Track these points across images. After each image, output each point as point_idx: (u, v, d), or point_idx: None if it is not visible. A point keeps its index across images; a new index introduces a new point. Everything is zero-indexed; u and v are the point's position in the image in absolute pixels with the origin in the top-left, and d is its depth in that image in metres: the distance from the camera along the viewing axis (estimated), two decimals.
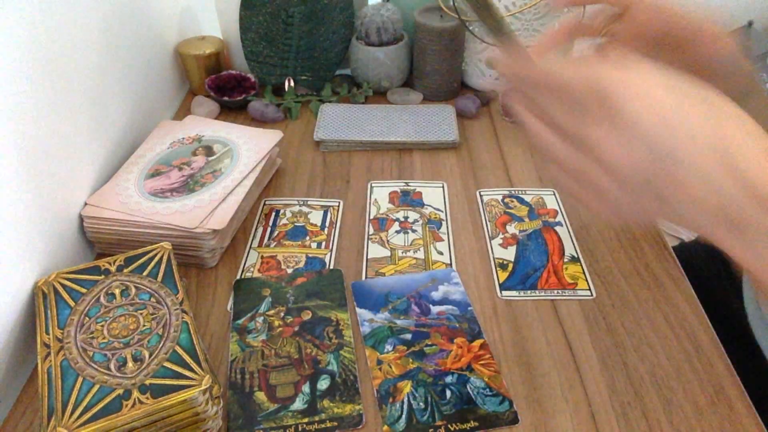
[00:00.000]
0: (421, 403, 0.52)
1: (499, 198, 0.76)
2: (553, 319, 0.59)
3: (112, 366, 0.47)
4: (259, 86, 0.94)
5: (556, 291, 0.62)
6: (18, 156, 0.55)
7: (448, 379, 0.54)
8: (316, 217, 0.73)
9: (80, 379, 0.46)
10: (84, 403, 0.44)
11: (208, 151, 0.74)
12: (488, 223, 0.72)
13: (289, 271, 0.65)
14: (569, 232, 0.70)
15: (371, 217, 0.73)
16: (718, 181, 0.30)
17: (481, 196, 0.76)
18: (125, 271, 0.56)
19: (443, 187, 0.78)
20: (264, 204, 0.75)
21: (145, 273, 0.56)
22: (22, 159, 0.55)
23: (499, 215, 0.73)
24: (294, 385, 0.53)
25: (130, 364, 0.48)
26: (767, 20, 2.07)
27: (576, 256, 0.67)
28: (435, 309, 0.60)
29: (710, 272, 0.79)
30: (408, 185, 0.78)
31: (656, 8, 0.48)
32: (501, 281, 0.64)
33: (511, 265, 0.66)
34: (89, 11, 0.68)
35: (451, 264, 0.66)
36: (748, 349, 0.72)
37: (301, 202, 0.75)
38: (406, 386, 0.53)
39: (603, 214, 0.36)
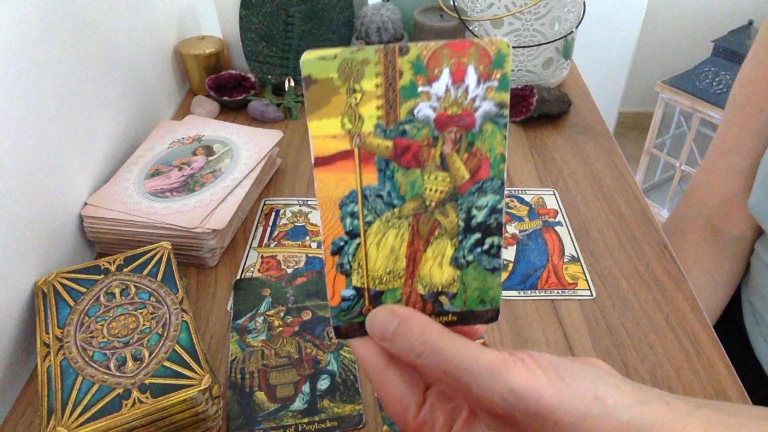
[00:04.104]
0: None
1: None
2: (553, 319, 0.59)
3: (111, 365, 0.47)
4: (259, 86, 0.94)
5: (556, 291, 0.62)
6: (18, 156, 0.55)
7: None
8: (316, 217, 0.73)
9: (80, 378, 0.46)
10: (84, 403, 0.44)
11: (208, 150, 0.74)
12: None
13: (289, 271, 0.65)
14: (569, 232, 0.70)
15: None
16: None
17: None
18: (125, 270, 0.56)
19: None
20: (264, 204, 0.75)
21: (144, 272, 0.56)
22: (22, 159, 0.55)
23: None
24: (294, 385, 0.53)
25: (129, 363, 0.47)
26: None
27: (576, 256, 0.67)
28: None
29: None
30: None
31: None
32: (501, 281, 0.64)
33: (511, 265, 0.66)
34: (89, 10, 0.68)
35: None
36: (747, 354, 0.71)
37: (301, 202, 0.75)
38: None
39: None
